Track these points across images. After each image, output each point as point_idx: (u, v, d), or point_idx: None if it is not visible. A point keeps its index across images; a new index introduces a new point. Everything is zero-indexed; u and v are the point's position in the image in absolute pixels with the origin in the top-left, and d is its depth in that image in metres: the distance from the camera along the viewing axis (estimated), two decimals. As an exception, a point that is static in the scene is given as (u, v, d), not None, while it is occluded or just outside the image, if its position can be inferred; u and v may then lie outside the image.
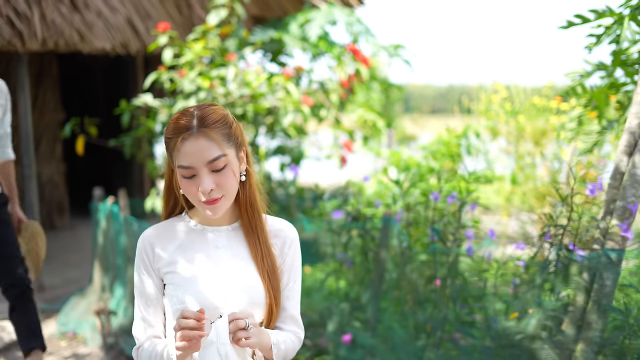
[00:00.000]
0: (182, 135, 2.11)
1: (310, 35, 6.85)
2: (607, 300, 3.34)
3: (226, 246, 2.30)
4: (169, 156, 2.19)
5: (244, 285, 2.24)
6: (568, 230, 3.47)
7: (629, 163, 3.37)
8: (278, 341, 2.25)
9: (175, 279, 2.22)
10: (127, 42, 6.81)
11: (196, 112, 2.16)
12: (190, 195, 2.16)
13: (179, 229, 2.31)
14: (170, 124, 2.18)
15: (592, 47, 4.17)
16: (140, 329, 2.27)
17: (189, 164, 2.11)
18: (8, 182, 4.35)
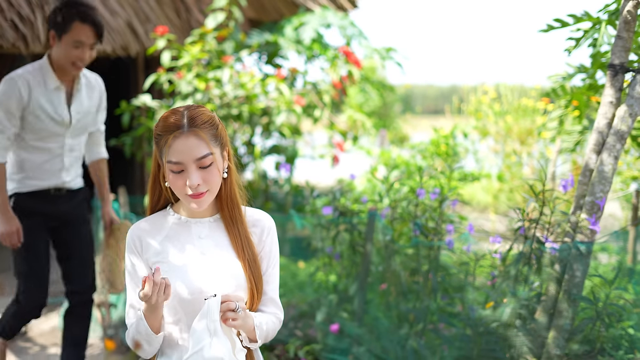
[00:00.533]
0: (173, 133, 2.31)
1: (304, 38, 7.06)
2: (577, 290, 3.54)
3: (209, 236, 2.50)
4: (158, 152, 2.37)
5: (229, 272, 2.45)
6: (541, 224, 3.67)
7: (597, 161, 3.58)
8: (261, 323, 2.45)
9: (164, 267, 2.42)
10: (127, 45, 7.03)
11: (186, 112, 2.36)
12: (177, 189, 2.35)
13: (165, 221, 2.51)
14: (160, 121, 2.36)
15: (572, 50, 4.37)
16: (131, 315, 2.47)
17: (179, 160, 2.31)
18: (102, 182, 4.36)
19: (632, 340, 3.86)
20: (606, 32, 4.08)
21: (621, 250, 5.86)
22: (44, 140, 4.01)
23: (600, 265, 5.42)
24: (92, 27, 3.85)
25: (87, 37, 3.85)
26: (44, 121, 3.93)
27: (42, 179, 4.08)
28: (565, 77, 4.68)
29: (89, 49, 3.90)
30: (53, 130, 3.99)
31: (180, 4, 7.80)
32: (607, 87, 3.60)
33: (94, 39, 3.90)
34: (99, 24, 3.90)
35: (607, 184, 3.52)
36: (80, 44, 3.84)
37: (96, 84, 4.25)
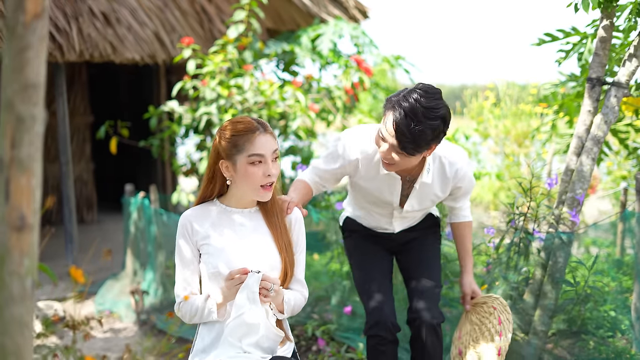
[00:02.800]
0: (255, 132, 2.86)
1: (321, 49, 7.57)
2: (559, 274, 4.04)
3: (248, 224, 3.02)
4: (233, 150, 2.87)
5: (265, 255, 2.97)
6: (528, 217, 4.18)
7: (577, 162, 4.08)
8: (289, 299, 2.99)
9: (209, 249, 2.95)
10: (154, 53, 7.55)
11: (256, 120, 2.92)
12: (253, 181, 2.87)
13: (210, 210, 3.03)
14: (234, 125, 2.88)
15: (562, 61, 4.82)
16: (180, 288, 2.99)
17: (262, 152, 2.85)
18: (462, 245, 3.88)
19: (614, 321, 4.35)
20: (591, 46, 4.53)
21: (610, 244, 6.32)
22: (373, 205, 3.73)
23: (591, 256, 5.85)
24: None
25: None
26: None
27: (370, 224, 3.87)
28: (557, 84, 5.13)
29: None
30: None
31: (203, 15, 8.33)
32: (585, 98, 4.09)
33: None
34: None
35: (586, 182, 4.02)
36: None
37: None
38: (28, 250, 1.47)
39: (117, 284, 6.80)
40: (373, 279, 3.69)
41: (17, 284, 1.45)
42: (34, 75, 1.46)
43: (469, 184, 3.57)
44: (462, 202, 3.73)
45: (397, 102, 3.02)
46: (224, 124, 2.96)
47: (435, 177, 3.44)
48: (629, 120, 5.22)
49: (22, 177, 1.45)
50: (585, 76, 4.75)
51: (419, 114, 2.95)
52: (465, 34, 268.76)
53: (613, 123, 4.00)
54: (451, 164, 3.42)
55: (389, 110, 3.06)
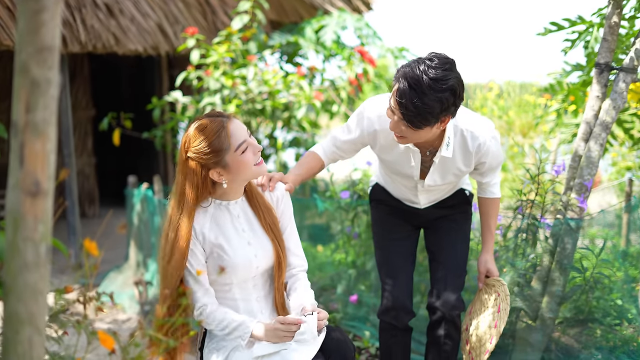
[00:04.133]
0: (225, 125, 2.80)
1: (325, 40, 7.54)
2: (567, 260, 4.02)
3: (242, 214, 3.00)
4: (217, 157, 2.78)
5: (262, 242, 2.98)
6: (536, 204, 4.16)
7: (585, 148, 4.06)
8: (313, 299, 2.97)
9: (216, 249, 2.91)
10: (157, 45, 7.53)
11: (212, 115, 2.86)
12: (248, 165, 2.83)
13: (206, 210, 2.96)
14: (200, 138, 2.78)
15: (567, 50, 4.81)
16: (201, 292, 2.89)
17: (243, 137, 2.82)
18: (485, 222, 3.68)
19: (620, 310, 4.34)
20: (597, 34, 4.51)
21: (615, 234, 6.30)
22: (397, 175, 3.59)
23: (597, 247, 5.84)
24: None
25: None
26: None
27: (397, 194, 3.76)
28: (563, 74, 5.11)
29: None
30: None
31: (206, 6, 8.30)
32: (594, 83, 4.07)
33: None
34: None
35: (594, 168, 4.00)
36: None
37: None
38: (42, 216, 1.45)
39: (120, 275, 6.78)
40: (392, 261, 3.63)
41: (32, 250, 1.43)
42: (49, 38, 1.43)
43: (495, 159, 3.38)
44: (490, 178, 3.52)
45: (404, 72, 2.87)
46: (186, 139, 2.84)
47: (457, 150, 3.26)
48: (634, 110, 5.20)
49: (37, 141, 1.43)
50: (591, 65, 4.72)
51: (424, 85, 2.79)
52: (467, 30, 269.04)
53: (622, 108, 3.98)
54: (474, 137, 3.23)
55: (396, 81, 2.91)
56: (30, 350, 1.44)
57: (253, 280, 2.99)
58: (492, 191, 3.60)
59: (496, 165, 3.46)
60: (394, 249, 3.68)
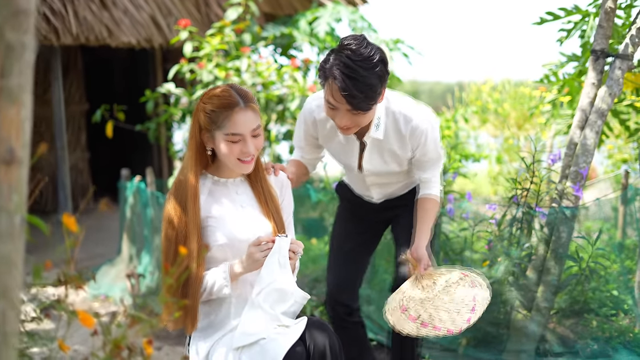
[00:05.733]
0: (234, 108, 2.76)
1: (318, 32, 7.50)
2: (563, 249, 3.98)
3: (242, 192, 2.97)
4: (212, 125, 2.77)
5: (259, 223, 2.93)
6: (531, 192, 4.12)
7: (580, 135, 4.02)
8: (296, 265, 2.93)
9: (211, 222, 2.87)
10: (150, 37, 7.48)
11: (237, 90, 2.81)
12: (230, 156, 2.78)
13: (203, 184, 2.93)
14: (213, 99, 2.78)
15: (563, 40, 4.77)
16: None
17: (240, 131, 2.76)
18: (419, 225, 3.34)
19: (616, 301, 4.31)
20: (593, 24, 4.48)
21: (611, 227, 6.27)
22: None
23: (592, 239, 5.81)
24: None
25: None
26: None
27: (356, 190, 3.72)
28: (558, 65, 5.07)
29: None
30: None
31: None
32: (589, 70, 4.04)
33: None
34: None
35: (590, 156, 3.96)
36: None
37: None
38: (17, 186, 1.39)
39: (112, 269, 6.73)
40: (337, 259, 3.71)
41: (6, 220, 1.38)
42: (24, 1, 1.38)
43: (434, 148, 3.27)
44: (430, 173, 3.36)
45: (331, 69, 2.88)
46: (207, 92, 2.86)
47: (390, 133, 3.22)
48: (630, 101, 5.16)
49: (11, 108, 1.38)
50: (587, 56, 4.70)
51: (359, 69, 2.82)
52: (463, 23, 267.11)
53: (618, 96, 3.95)
54: (407, 119, 3.17)
55: (328, 79, 2.91)
56: (4, 325, 1.38)
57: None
58: (430, 191, 3.37)
59: (436, 157, 3.35)
60: (343, 246, 3.71)
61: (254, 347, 2.67)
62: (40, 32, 6.65)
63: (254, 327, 2.72)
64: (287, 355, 2.62)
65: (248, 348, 2.68)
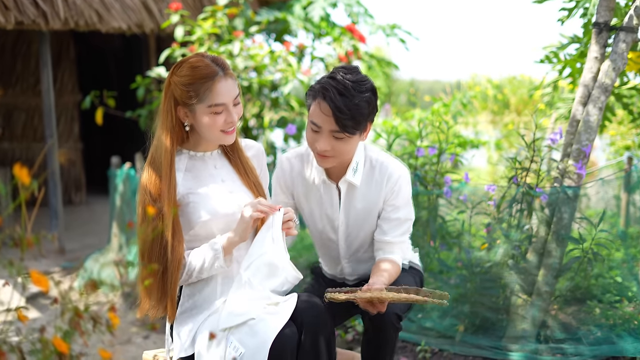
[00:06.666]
0: (214, 79, 2.64)
1: (313, 16, 7.33)
2: (564, 230, 3.83)
3: (220, 165, 2.85)
4: (190, 99, 2.64)
5: (241, 197, 2.81)
6: (531, 172, 3.96)
7: (583, 112, 3.86)
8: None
9: (194, 198, 2.74)
10: (141, 22, 7.31)
11: (212, 59, 2.69)
12: (214, 128, 2.67)
13: (181, 159, 2.81)
14: (190, 70, 2.65)
15: (565, 19, 4.62)
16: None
17: (223, 101, 2.66)
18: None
19: (620, 288, 4.16)
20: (596, 0, 4.33)
21: (614, 215, 6.12)
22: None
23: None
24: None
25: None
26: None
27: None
28: (560, 47, 4.92)
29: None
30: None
31: (192, -17, 8.09)
32: (592, 44, 3.88)
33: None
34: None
35: (593, 133, 3.80)
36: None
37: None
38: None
39: (102, 258, 6.59)
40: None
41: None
42: None
43: (404, 208, 3.10)
44: (392, 236, 3.09)
45: (323, 87, 2.84)
46: (178, 64, 2.72)
47: (366, 180, 3.08)
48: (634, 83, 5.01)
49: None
50: (589, 37, 4.56)
51: (350, 89, 2.81)
52: (461, 29, 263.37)
53: (622, 70, 3.79)
54: (384, 166, 3.06)
55: (317, 98, 2.86)
56: None
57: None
58: (391, 256, 3.08)
59: (404, 217, 3.12)
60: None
61: (242, 328, 2.56)
62: (29, 17, 6.48)
63: (241, 306, 2.61)
64: (278, 337, 2.51)
65: (236, 329, 2.57)
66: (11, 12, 6.37)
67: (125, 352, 4.53)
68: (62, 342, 1.60)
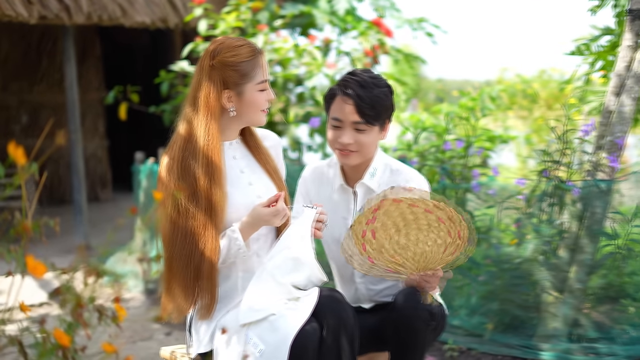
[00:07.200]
0: (259, 55, 2.64)
1: (338, 9, 7.23)
2: (597, 226, 3.70)
3: (239, 156, 2.76)
4: (241, 79, 2.59)
5: (265, 185, 2.73)
6: (563, 165, 3.83)
7: (616, 102, 3.72)
8: None
9: None
10: (165, 17, 7.25)
11: (247, 40, 2.69)
12: (260, 105, 2.64)
13: None
14: (237, 49, 2.60)
15: (596, 10, 4.49)
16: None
17: (267, 77, 2.66)
18: None
19: (656, 287, 4.02)
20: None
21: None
22: None
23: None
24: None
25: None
26: None
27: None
28: (591, 38, 4.78)
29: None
30: None
31: (216, -24, 8.01)
32: (626, 32, 3.74)
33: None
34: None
35: (626, 124, 3.67)
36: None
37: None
38: None
39: (126, 254, 6.54)
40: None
41: None
42: None
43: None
44: None
45: (343, 83, 2.87)
46: (216, 47, 2.64)
47: (383, 185, 2.96)
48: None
49: None
50: (622, 28, 4.41)
51: (369, 82, 2.84)
52: (495, 26, 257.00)
53: (658, 58, 3.65)
54: (402, 172, 2.98)
55: (337, 94, 2.85)
56: None
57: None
58: None
59: None
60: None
61: (262, 324, 2.48)
62: (52, 11, 6.45)
63: (261, 301, 2.52)
64: (299, 333, 2.42)
65: (256, 325, 2.48)
66: (34, 6, 6.34)
67: (148, 349, 4.46)
68: (64, 334, 1.51)
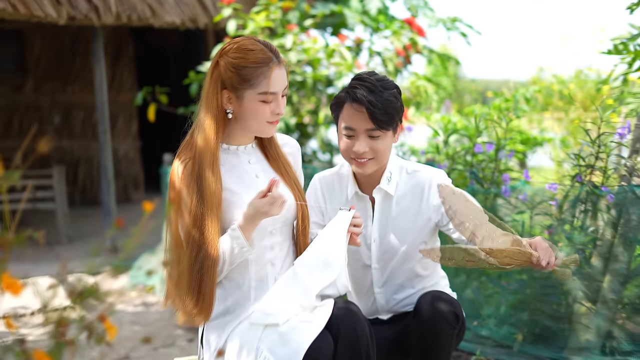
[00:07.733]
0: (270, 65, 2.49)
1: (370, 9, 7.11)
2: (632, 233, 3.53)
3: (255, 160, 2.67)
4: (241, 84, 2.48)
5: (282, 190, 2.60)
6: (597, 169, 3.67)
7: (654, 103, 3.56)
8: None
9: (226, 194, 2.56)
10: (195, 17, 7.20)
11: (267, 45, 2.54)
12: (261, 117, 2.52)
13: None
14: (245, 53, 2.48)
15: (635, 7, 4.33)
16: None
17: (276, 90, 2.51)
18: None
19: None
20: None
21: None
22: None
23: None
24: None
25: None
26: None
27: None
28: (630, 38, 4.62)
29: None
30: None
31: (246, -24, 7.94)
32: (665, 29, 3.58)
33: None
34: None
35: (665, 127, 3.51)
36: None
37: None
38: None
39: (153, 257, 6.50)
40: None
41: None
42: None
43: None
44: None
45: (350, 89, 2.81)
46: (229, 46, 2.56)
47: (403, 190, 2.91)
48: None
49: None
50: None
51: (378, 86, 2.78)
52: (535, 23, 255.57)
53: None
54: (421, 173, 2.93)
55: (346, 102, 2.80)
56: None
57: (270, 236, 2.64)
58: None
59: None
60: None
61: (273, 336, 2.38)
62: (81, 12, 6.42)
63: (276, 306, 2.44)
64: (311, 348, 2.32)
65: (267, 337, 2.39)
66: (63, 7, 6.32)
67: (169, 356, 4.38)
68: (45, 356, 1.41)
